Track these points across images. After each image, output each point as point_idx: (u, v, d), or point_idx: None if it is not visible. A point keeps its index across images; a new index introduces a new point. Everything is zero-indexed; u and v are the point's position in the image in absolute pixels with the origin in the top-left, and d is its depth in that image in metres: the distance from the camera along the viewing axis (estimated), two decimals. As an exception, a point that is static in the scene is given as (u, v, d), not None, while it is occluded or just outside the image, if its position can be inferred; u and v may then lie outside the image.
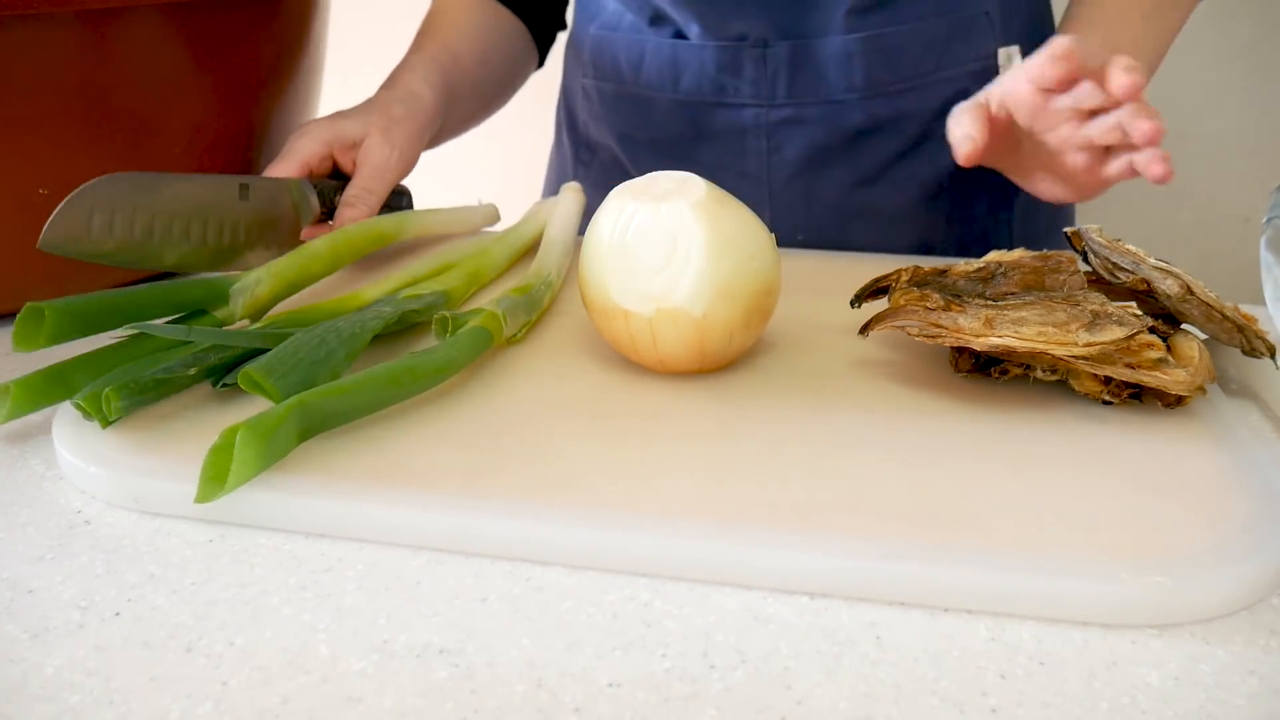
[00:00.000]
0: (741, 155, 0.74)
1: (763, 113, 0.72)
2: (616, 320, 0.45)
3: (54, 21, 0.51)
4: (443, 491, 0.37)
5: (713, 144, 0.74)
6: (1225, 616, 0.32)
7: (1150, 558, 0.33)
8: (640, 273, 0.44)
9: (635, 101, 0.76)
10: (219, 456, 0.36)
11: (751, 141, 0.73)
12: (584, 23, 0.79)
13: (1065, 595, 0.32)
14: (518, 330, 0.51)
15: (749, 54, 0.70)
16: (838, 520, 0.35)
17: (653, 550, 0.34)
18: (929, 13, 0.69)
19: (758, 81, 0.71)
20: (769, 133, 0.72)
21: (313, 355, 0.43)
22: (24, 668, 0.31)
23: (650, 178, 0.46)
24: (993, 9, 0.70)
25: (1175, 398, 0.42)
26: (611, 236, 0.45)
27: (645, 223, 0.44)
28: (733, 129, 0.73)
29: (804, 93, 0.71)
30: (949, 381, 0.46)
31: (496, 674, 0.30)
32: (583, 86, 0.80)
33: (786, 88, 0.71)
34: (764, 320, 0.47)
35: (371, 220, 0.60)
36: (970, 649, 0.31)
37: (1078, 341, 0.41)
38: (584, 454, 0.40)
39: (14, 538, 0.37)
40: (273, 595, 0.34)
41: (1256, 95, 1.18)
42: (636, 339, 0.45)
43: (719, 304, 0.44)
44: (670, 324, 0.44)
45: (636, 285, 0.44)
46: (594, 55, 0.77)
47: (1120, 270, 0.46)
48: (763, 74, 0.70)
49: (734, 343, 0.46)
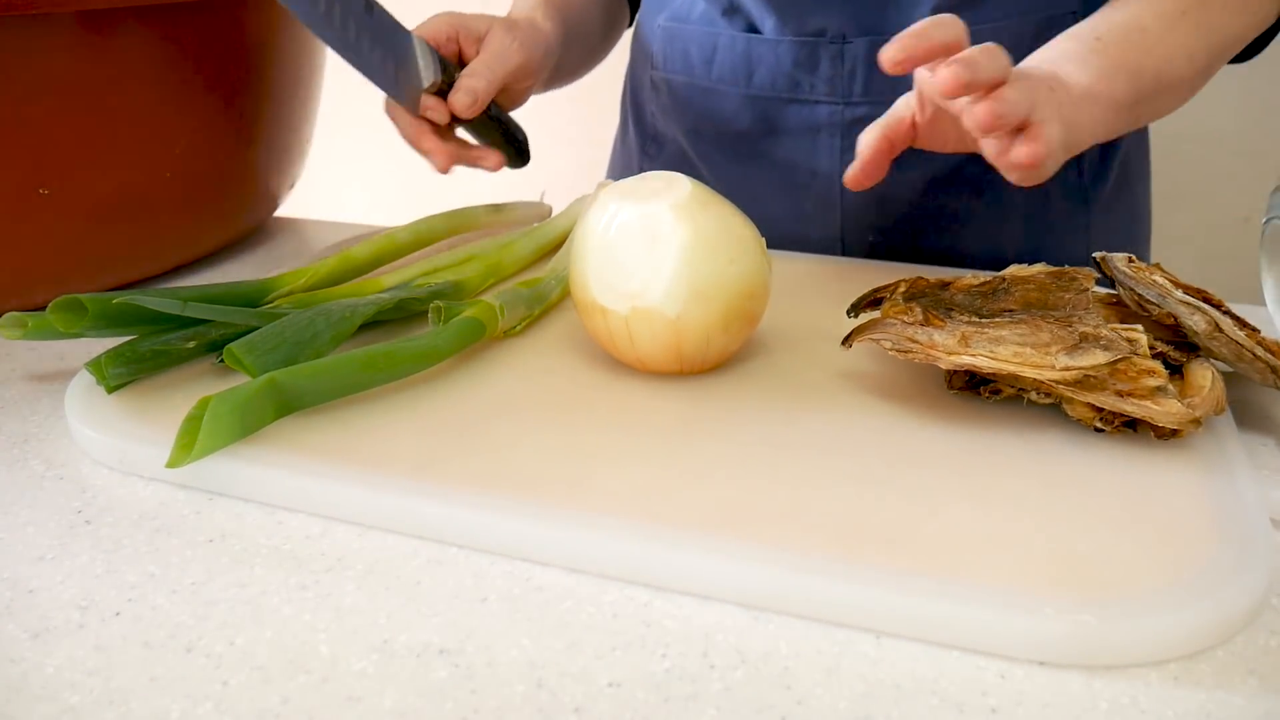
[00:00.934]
0: (813, 153, 0.72)
1: (838, 110, 0.70)
2: (596, 317, 0.46)
3: (54, 21, 0.51)
4: (393, 474, 0.38)
5: (784, 141, 0.73)
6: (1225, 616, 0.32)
7: (1081, 595, 0.31)
8: (619, 271, 0.44)
9: (705, 95, 0.75)
10: (193, 425, 0.38)
11: (824, 139, 0.71)
12: (652, 13, 0.78)
13: (981, 626, 0.31)
14: (516, 323, 0.51)
15: (826, 50, 0.68)
16: (764, 529, 0.35)
17: (576, 546, 0.35)
18: (1016, 11, 0.67)
19: (834, 78, 0.69)
20: (843, 131, 0.70)
21: (298, 336, 0.44)
22: (24, 668, 0.31)
23: (642, 177, 0.46)
24: (1079, 8, 0.68)
25: (1169, 429, 0.40)
26: (596, 234, 0.45)
27: (628, 222, 0.44)
28: (805, 126, 0.71)
29: (881, 90, 0.68)
30: (937, 398, 0.45)
31: (496, 674, 0.30)
32: (651, 79, 0.79)
33: (863, 85, 0.69)
34: (748, 324, 0.46)
35: (408, 225, 0.62)
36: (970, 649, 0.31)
37: (1054, 364, 0.39)
38: (536, 446, 0.40)
39: (14, 538, 0.37)
40: (273, 595, 0.34)
41: (1256, 95, 1.18)
42: (615, 336, 0.45)
43: (694, 306, 0.44)
44: (645, 323, 0.44)
45: (614, 283, 0.44)
46: (664, 47, 0.77)
47: (1147, 303, 0.44)
48: (839, 70, 0.69)
49: (712, 346, 0.45)
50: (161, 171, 0.59)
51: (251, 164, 0.67)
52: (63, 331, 0.45)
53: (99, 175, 0.56)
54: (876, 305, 0.49)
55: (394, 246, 0.60)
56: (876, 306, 0.49)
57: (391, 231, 0.61)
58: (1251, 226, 1.19)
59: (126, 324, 0.46)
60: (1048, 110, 0.48)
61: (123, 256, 0.60)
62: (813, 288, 0.55)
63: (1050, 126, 0.47)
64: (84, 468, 0.42)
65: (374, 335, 0.51)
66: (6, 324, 0.44)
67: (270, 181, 0.70)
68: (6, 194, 0.53)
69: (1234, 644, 0.31)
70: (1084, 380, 0.39)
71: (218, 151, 0.63)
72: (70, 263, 0.57)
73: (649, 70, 0.79)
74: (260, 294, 0.52)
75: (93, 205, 0.56)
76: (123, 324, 0.46)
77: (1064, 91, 0.50)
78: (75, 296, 0.44)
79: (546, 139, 0.90)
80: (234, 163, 0.65)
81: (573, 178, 0.98)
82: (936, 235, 0.71)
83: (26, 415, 0.46)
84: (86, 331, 0.45)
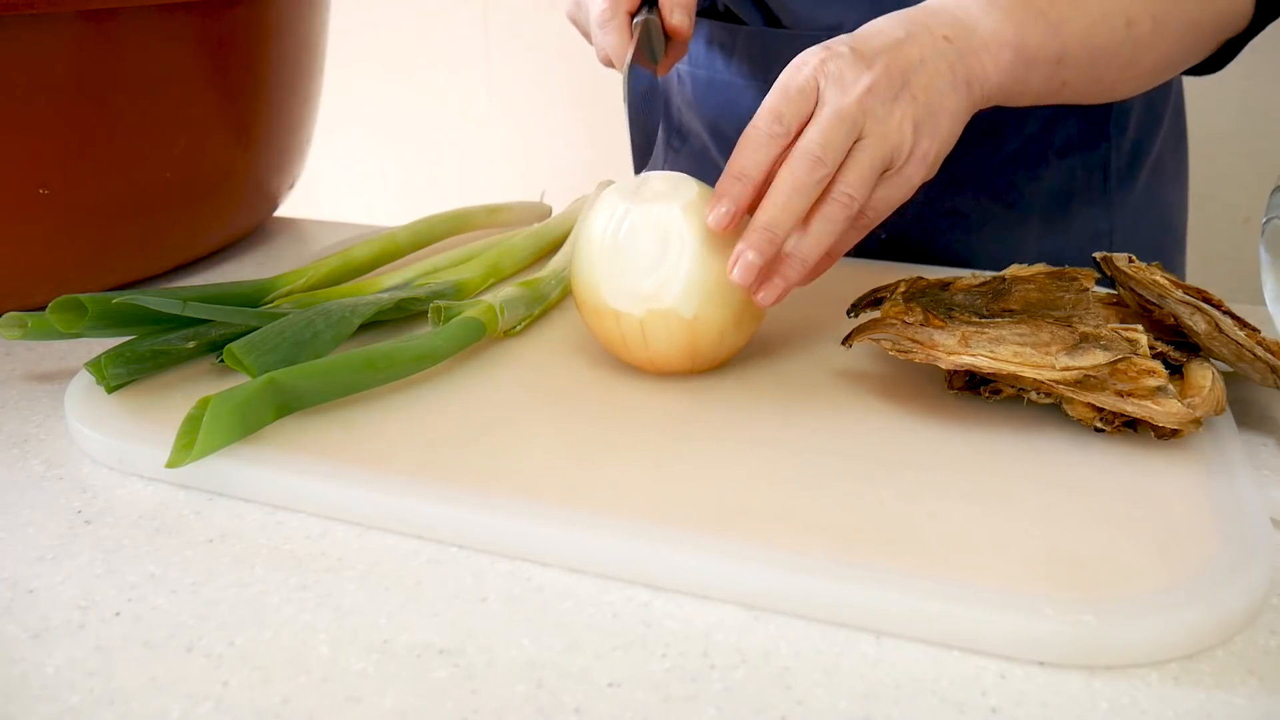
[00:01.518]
0: None
1: None
2: (607, 320, 0.45)
3: (54, 21, 0.51)
4: (393, 474, 0.38)
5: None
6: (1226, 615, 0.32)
7: (1081, 595, 0.31)
8: (631, 273, 0.44)
9: (725, 90, 0.74)
10: (193, 425, 0.38)
11: None
12: None
13: (981, 626, 0.31)
14: (516, 324, 0.51)
15: None
16: (760, 529, 0.35)
17: (576, 546, 0.35)
18: None
19: None
20: None
21: (297, 335, 0.44)
22: (24, 668, 0.31)
23: (644, 177, 0.46)
24: None
25: (1169, 429, 0.40)
26: (603, 237, 0.45)
27: (637, 224, 0.44)
28: None
29: None
30: (938, 398, 0.45)
31: (496, 674, 0.30)
32: (678, 71, 0.79)
33: None
34: (756, 321, 0.47)
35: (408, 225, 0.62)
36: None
37: (1054, 365, 0.39)
38: (536, 446, 0.40)
39: (14, 538, 0.37)
40: (273, 595, 0.34)
41: (1256, 95, 1.18)
42: (628, 339, 0.45)
43: (710, 305, 0.44)
44: (661, 325, 0.44)
45: (627, 286, 0.44)
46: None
47: (1148, 303, 0.44)
48: None
49: (725, 343, 0.46)
50: (161, 171, 0.59)
51: (251, 164, 0.67)
52: (63, 331, 0.45)
53: (99, 175, 0.56)
54: (876, 305, 0.49)
55: (394, 246, 0.60)
56: (876, 306, 0.49)
57: (391, 231, 0.61)
58: (1251, 226, 1.19)
59: (126, 324, 0.46)
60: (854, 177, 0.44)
61: (123, 256, 0.60)
62: (813, 287, 0.55)
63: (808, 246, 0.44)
64: (84, 468, 0.42)
65: (374, 335, 0.51)
66: (6, 324, 0.44)
67: (270, 181, 0.70)
68: (6, 194, 0.53)
69: (1234, 644, 0.31)
70: (1084, 380, 0.39)
71: (218, 151, 0.63)
72: (70, 263, 0.57)
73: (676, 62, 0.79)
74: (260, 294, 0.52)
75: (93, 205, 0.56)
76: (123, 324, 0.46)
77: (954, 45, 0.46)
78: (75, 296, 0.44)
79: (546, 139, 0.90)
80: (234, 163, 0.65)
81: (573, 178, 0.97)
82: (949, 237, 0.71)
83: (26, 415, 0.46)
84: (86, 331, 0.45)
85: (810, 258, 0.44)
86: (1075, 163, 0.68)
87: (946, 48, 0.46)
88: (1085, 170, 0.68)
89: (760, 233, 0.43)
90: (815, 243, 0.44)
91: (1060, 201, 0.69)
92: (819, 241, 0.44)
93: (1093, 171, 0.68)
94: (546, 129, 1.62)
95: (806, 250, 0.44)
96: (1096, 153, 0.68)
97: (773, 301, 0.44)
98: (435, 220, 0.64)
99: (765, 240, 0.42)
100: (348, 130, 1.65)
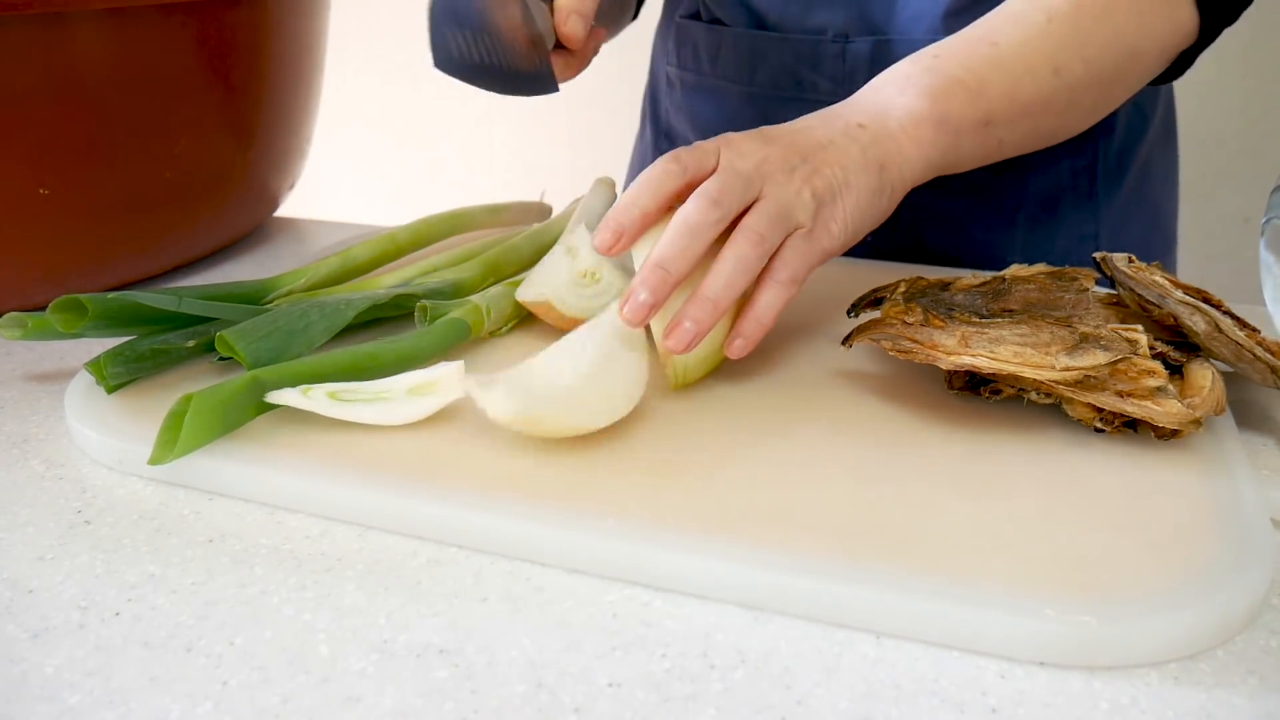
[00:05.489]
0: None
1: None
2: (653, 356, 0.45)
3: (54, 21, 0.51)
4: (393, 474, 0.38)
5: None
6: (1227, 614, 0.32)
7: (1082, 596, 0.31)
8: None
9: (711, 93, 0.75)
10: (175, 422, 0.38)
11: None
12: (671, 8, 0.78)
13: (982, 626, 0.31)
14: (502, 324, 0.51)
15: (828, 48, 0.68)
16: (764, 529, 0.35)
17: (576, 546, 0.35)
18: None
19: (835, 78, 0.68)
20: None
21: (291, 325, 0.44)
22: (24, 668, 0.31)
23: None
24: None
25: (1169, 430, 0.40)
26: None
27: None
28: None
29: None
30: (938, 399, 0.45)
31: (496, 674, 0.30)
32: (667, 74, 0.79)
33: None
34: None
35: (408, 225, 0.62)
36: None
37: (1054, 365, 0.39)
38: (535, 446, 0.40)
39: (14, 538, 0.37)
40: (273, 595, 0.34)
41: (1256, 95, 1.18)
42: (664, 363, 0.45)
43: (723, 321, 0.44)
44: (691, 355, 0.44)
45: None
46: (677, 43, 0.77)
47: (1148, 303, 0.44)
48: (840, 70, 0.68)
49: (719, 348, 0.45)
50: (161, 171, 0.59)
51: (251, 164, 0.67)
52: (63, 331, 0.45)
53: (99, 175, 0.56)
54: (876, 305, 0.49)
55: (394, 246, 0.60)
56: (876, 306, 0.49)
57: (391, 231, 0.61)
58: (1251, 226, 1.19)
59: (126, 324, 0.46)
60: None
61: (123, 256, 0.60)
62: (813, 288, 0.55)
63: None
64: (84, 468, 0.42)
65: (374, 335, 0.51)
66: (6, 324, 0.44)
67: (270, 181, 0.70)
68: (6, 194, 0.53)
69: (1234, 644, 0.31)
70: (1084, 380, 0.39)
71: (218, 151, 0.63)
72: (70, 263, 0.57)
73: (665, 65, 0.79)
74: (260, 294, 0.52)
75: (93, 205, 0.56)
76: (122, 324, 0.46)
77: (868, 130, 0.47)
78: (75, 296, 0.44)
79: (546, 139, 0.90)
80: (234, 163, 0.65)
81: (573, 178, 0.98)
82: (938, 237, 0.71)
83: (26, 415, 0.46)
84: (86, 331, 0.45)
85: (721, 299, 0.42)
86: (1062, 167, 0.68)
87: (860, 133, 0.47)
88: (1072, 174, 0.68)
89: (652, 269, 0.41)
90: (726, 282, 0.42)
91: (1047, 205, 0.70)
92: (730, 281, 0.42)
93: (1079, 175, 0.68)
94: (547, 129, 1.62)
95: (717, 290, 0.42)
96: (1083, 156, 0.68)
97: (684, 348, 0.42)
98: (435, 220, 0.64)
99: (658, 279, 0.41)
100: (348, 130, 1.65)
